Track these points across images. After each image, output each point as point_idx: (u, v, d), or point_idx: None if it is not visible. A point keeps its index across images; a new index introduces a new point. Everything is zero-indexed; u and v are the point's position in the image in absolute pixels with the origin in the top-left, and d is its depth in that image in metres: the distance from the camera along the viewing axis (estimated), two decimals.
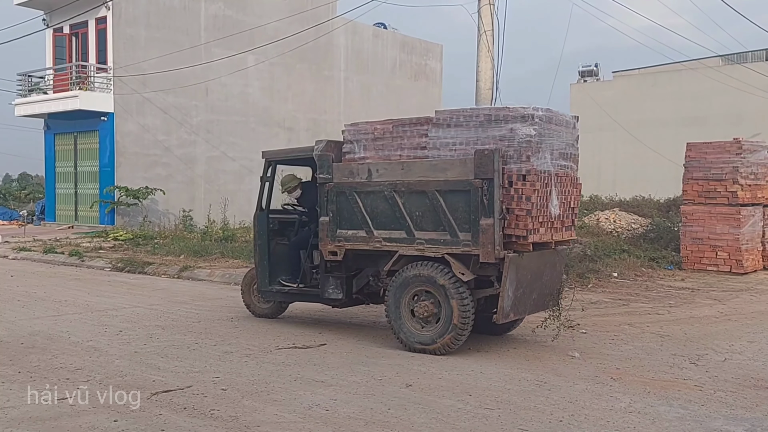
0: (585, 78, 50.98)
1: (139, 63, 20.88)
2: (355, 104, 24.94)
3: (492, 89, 11.49)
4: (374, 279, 7.70)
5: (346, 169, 7.46)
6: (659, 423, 4.93)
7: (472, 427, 4.84)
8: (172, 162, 21.91)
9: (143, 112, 21.42)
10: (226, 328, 8.30)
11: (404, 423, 4.90)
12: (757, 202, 13.54)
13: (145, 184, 20.59)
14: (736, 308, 9.68)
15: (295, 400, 5.42)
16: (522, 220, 6.54)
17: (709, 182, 13.14)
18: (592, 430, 4.76)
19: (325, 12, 23.47)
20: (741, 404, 5.40)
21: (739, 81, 34.74)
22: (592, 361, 6.72)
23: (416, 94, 27.40)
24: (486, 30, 11.40)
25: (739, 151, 12.96)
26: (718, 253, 13.09)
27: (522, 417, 5.04)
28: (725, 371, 6.39)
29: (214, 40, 21.43)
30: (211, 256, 14.70)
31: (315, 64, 23.52)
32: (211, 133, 21.84)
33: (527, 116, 6.56)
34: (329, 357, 6.84)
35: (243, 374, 6.16)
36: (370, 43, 25.71)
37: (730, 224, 12.97)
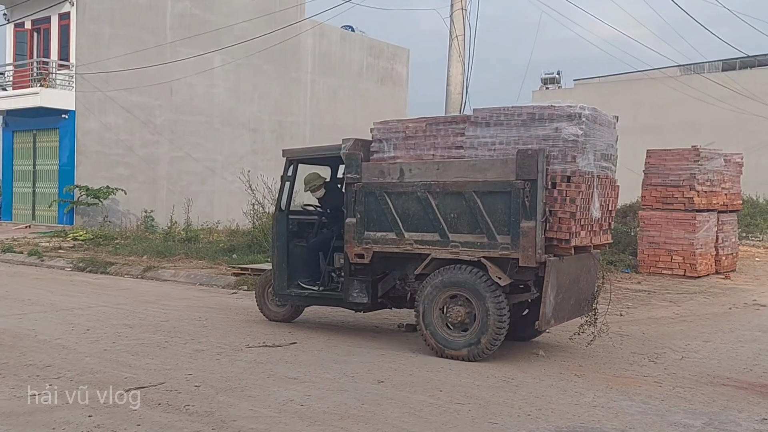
0: (547, 85, 52.03)
1: (103, 61, 20.60)
2: (322, 106, 24.98)
3: (462, 94, 11.71)
4: (401, 283, 7.42)
5: (376, 168, 7.16)
6: (622, 417, 5.15)
7: (444, 420, 4.99)
8: (134, 162, 21.65)
9: (105, 110, 21.13)
10: (195, 327, 8.30)
11: (378, 417, 5.02)
12: (712, 208, 14.03)
13: (106, 183, 20.30)
14: (691, 310, 10.06)
15: (269, 396, 5.49)
16: (565, 222, 6.32)
17: (666, 188, 13.58)
18: (558, 423, 4.95)
19: (293, 14, 23.48)
20: (699, 399, 5.65)
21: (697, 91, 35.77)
22: (556, 359, 6.94)
23: (383, 97, 27.58)
24: (458, 35, 11.62)
25: (696, 158, 13.44)
26: (673, 257, 13.53)
27: (491, 411, 5.21)
28: (683, 369, 6.67)
29: (180, 39, 21.26)
30: (174, 257, 14.60)
31: (282, 66, 23.50)
32: (175, 133, 21.65)
33: (574, 115, 6.35)
34: (301, 355, 6.92)
35: (216, 371, 6.20)
36: (338, 45, 25.79)
37: (685, 229, 13.43)
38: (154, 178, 21.91)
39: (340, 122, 25.63)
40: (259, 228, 15.12)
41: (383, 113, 27.42)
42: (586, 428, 4.87)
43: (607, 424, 4.96)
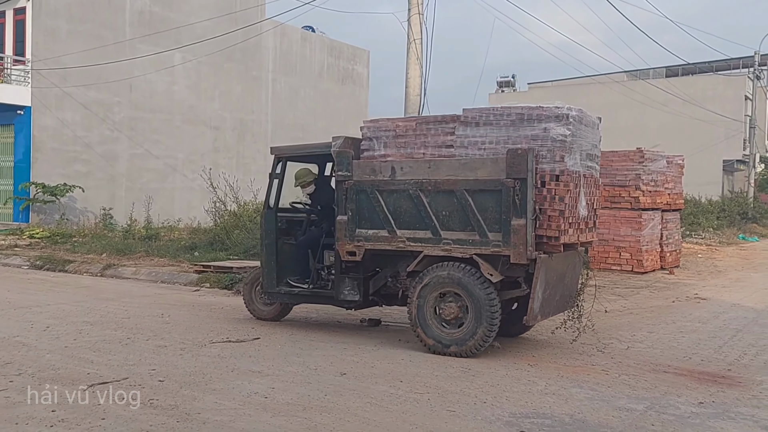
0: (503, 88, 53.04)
1: (60, 56, 20.28)
2: (283, 105, 25.00)
3: (420, 95, 11.95)
4: (393, 280, 7.45)
5: (367, 166, 7.19)
6: (571, 403, 5.42)
7: (405, 409, 5.19)
8: (93, 159, 21.35)
9: (62, 106, 20.81)
10: (158, 323, 8.34)
11: (341, 408, 5.19)
12: (656, 207, 14.75)
13: (63, 180, 19.98)
14: (637, 303, 10.49)
15: (233, 389, 5.60)
16: (554, 220, 6.45)
17: (614, 188, 14.13)
18: (513, 410, 5.19)
19: (253, 13, 23.46)
20: (642, 386, 5.97)
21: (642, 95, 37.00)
22: (510, 350, 7.21)
23: (343, 97, 27.71)
24: (415, 38, 11.85)
25: (641, 159, 14.07)
26: (621, 254, 14.10)
27: (450, 400, 5.43)
28: (628, 357, 7.02)
29: (140, 36, 21.05)
30: (135, 255, 14.52)
31: (243, 65, 23.45)
32: (135, 130, 21.43)
33: (561, 116, 6.49)
34: (264, 350, 7.04)
35: (179, 366, 6.28)
36: (299, 45, 25.83)
37: (632, 227, 14.00)
38: (113, 175, 21.64)
39: (302, 121, 25.70)
40: (220, 226, 15.12)
41: (344, 113, 27.59)
42: (538, 414, 5.12)
43: (558, 410, 5.22)
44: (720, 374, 6.47)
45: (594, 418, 5.06)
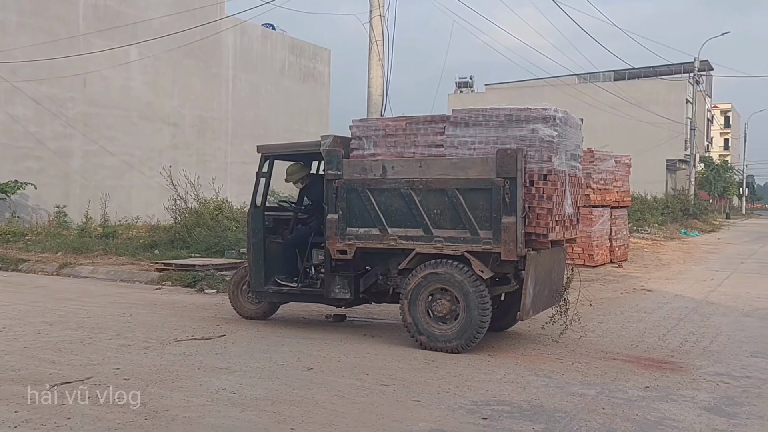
0: (461, 89, 53.80)
1: (10, 50, 19.82)
2: (243, 103, 24.87)
3: (383, 95, 12.12)
4: (383, 278, 7.52)
5: (358, 165, 7.24)
6: (529, 390, 5.69)
7: (371, 401, 5.37)
8: (45, 155, 20.94)
9: (13, 101, 20.34)
10: (120, 322, 8.32)
11: (309, 401, 5.33)
12: (606, 204, 15.55)
13: (14, 177, 19.55)
14: (589, 296, 10.87)
15: (200, 386, 5.67)
16: (543, 218, 6.62)
17: None
18: (474, 398, 5.42)
19: (213, 10, 23.28)
20: (593, 372, 6.30)
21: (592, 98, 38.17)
22: None
23: (305, 95, 27.69)
24: (377, 39, 12.02)
25: (592, 159, 14.72)
26: (573, 248, 14.55)
27: (414, 390, 5.63)
28: (580, 346, 7.36)
29: (95, 31, 20.68)
30: (92, 253, 14.37)
31: (202, 61, 23.25)
32: (89, 126, 21.06)
33: (549, 117, 6.66)
34: (230, 347, 7.13)
35: (144, 365, 6.31)
36: (259, 43, 25.70)
37: (584, 223, 14.46)
38: (67, 172, 21.25)
39: (263, 119, 25.61)
40: (181, 223, 15.06)
41: (305, 111, 27.60)
42: (498, 401, 5.36)
43: (516, 397, 5.48)
44: (664, 360, 6.85)
45: (550, 404, 5.33)
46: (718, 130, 75.03)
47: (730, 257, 18.87)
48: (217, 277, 11.52)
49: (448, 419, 4.96)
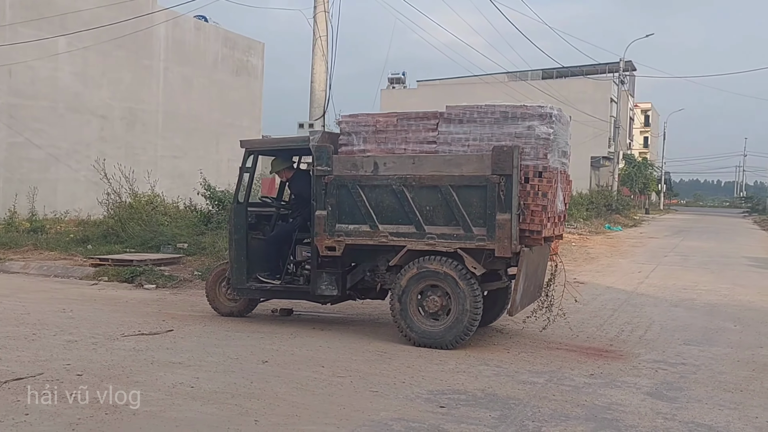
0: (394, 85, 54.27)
1: None
2: (176, 95, 24.31)
3: (326, 90, 12.18)
4: (371, 274, 7.47)
5: (348, 161, 7.16)
6: (481, 379, 5.90)
7: (330, 392, 5.47)
8: None
9: None
10: (61, 318, 8.12)
11: (268, 393, 5.38)
12: None
13: None
14: None
15: (156, 380, 5.64)
16: (537, 215, 6.66)
17: None
18: (430, 388, 5.60)
19: (145, 1, 22.66)
20: (540, 362, 6.60)
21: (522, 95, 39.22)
22: None
23: (238, 88, 27.31)
24: (321, 35, 12.05)
25: None
26: None
27: (371, 381, 5.76)
28: (524, 337, 7.67)
29: (22, 21, 19.77)
30: (21, 248, 13.83)
31: (133, 53, 22.59)
32: (14, 118, 20.13)
33: (545, 115, 6.71)
34: (180, 341, 7.07)
35: (95, 360, 6.21)
36: (192, 35, 25.19)
37: None
38: None
39: (195, 111, 25.12)
40: (115, 218, 14.68)
41: (238, 104, 27.24)
42: (453, 390, 5.56)
43: (470, 386, 5.69)
44: (604, 349, 7.23)
45: (503, 392, 5.57)
46: (638, 128, 78.29)
47: (653, 251, 19.84)
48: (156, 272, 11.32)
49: (408, 408, 5.11)
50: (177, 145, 24.49)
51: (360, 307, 8.85)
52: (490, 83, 43.11)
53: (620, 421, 4.95)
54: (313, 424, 4.76)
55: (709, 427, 4.89)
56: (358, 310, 8.74)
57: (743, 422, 5.01)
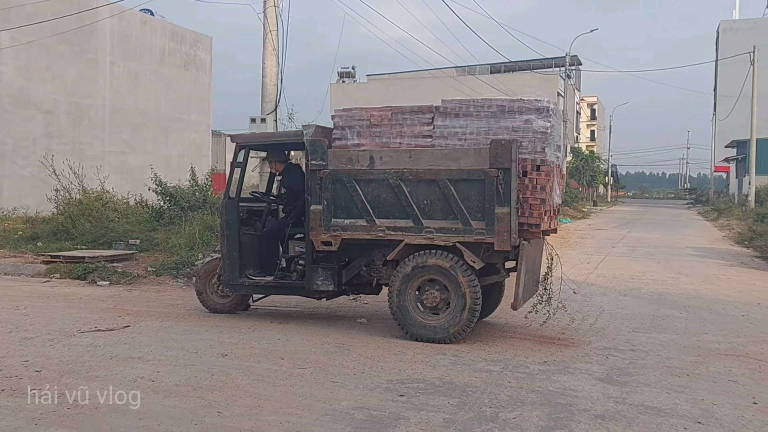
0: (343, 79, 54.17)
1: None
2: (122, 90, 23.79)
3: (277, 85, 12.17)
4: (367, 269, 7.43)
5: (343, 155, 7.09)
6: (439, 368, 6.06)
7: (291, 383, 5.54)
8: None
9: None
10: (16, 315, 8.01)
11: (230, 386, 5.43)
12: None
13: None
14: None
15: (117, 375, 5.64)
16: (536, 208, 6.68)
17: None
18: (389, 378, 5.72)
19: None
20: (495, 350, 6.78)
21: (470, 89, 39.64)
22: (378, 325, 7.78)
23: (186, 83, 26.88)
24: (271, 30, 12.03)
25: None
26: None
27: (331, 372, 5.86)
28: (479, 326, 7.74)
29: None
30: None
31: (78, 47, 22.00)
32: None
33: (542, 109, 6.72)
34: (138, 337, 7.04)
35: (53, 356, 6.18)
36: (138, 29, 24.67)
37: None
38: None
39: (142, 106, 24.65)
40: (65, 215, 14.37)
41: (186, 99, 26.83)
42: (412, 380, 5.69)
43: (428, 375, 5.84)
44: (557, 337, 7.45)
45: (460, 380, 5.73)
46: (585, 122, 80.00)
47: (602, 242, 20.37)
48: (109, 269, 11.19)
49: (368, 398, 5.22)
50: (125, 140, 24.01)
51: (318, 301, 8.90)
52: (439, 77, 43.45)
53: (573, 405, 5.16)
54: (275, 414, 4.84)
55: (657, 409, 5.12)
56: (317, 304, 8.81)
57: (690, 404, 5.26)
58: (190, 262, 11.22)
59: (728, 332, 7.93)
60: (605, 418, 4.89)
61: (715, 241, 21.13)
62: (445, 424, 4.70)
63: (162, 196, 14.90)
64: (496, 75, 46.89)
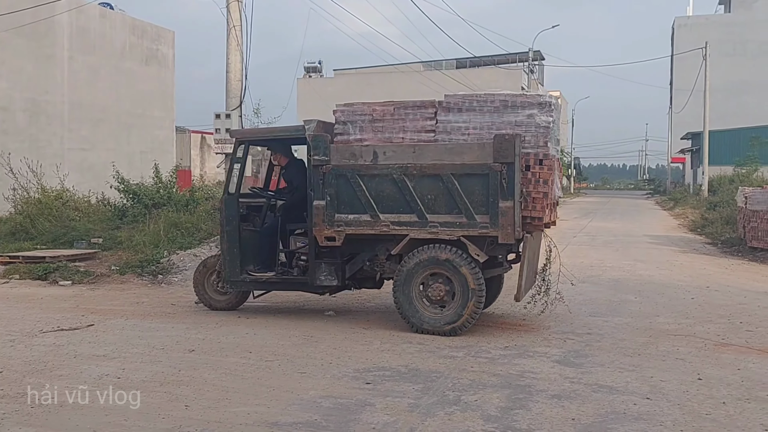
0: (310, 74, 53.96)
1: None
2: (81, 86, 23.36)
3: (242, 81, 12.14)
4: (370, 264, 7.44)
5: (346, 151, 7.11)
6: (404, 356, 6.17)
7: (259, 376, 5.62)
8: None
9: None
10: None
11: (198, 380, 5.48)
12: None
13: None
14: None
15: (81, 373, 5.63)
16: (539, 202, 6.76)
17: None
18: (356, 367, 5.84)
19: None
20: (459, 338, 6.90)
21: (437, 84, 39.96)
22: (345, 318, 7.89)
23: (148, 78, 26.50)
24: (235, 25, 11.99)
25: None
26: None
27: (299, 364, 5.94)
28: None
29: None
30: None
31: (35, 41, 21.55)
32: None
33: (545, 104, 6.84)
34: (102, 335, 7.02)
35: (15, 357, 6.13)
36: (97, 23, 24.24)
37: None
38: None
39: (102, 102, 24.24)
40: (24, 214, 14.12)
41: (149, 94, 26.49)
42: (378, 368, 5.82)
43: (394, 363, 5.97)
44: (517, 323, 7.67)
45: (425, 366, 5.87)
46: None
47: (563, 232, 20.63)
48: (71, 269, 11.04)
49: (336, 386, 5.33)
50: (84, 137, 23.60)
51: (284, 295, 8.97)
52: (405, 72, 43.68)
53: (532, 386, 5.35)
54: (244, 405, 4.91)
55: (610, 387, 5.35)
56: (283, 298, 8.87)
57: (640, 382, 5.50)
58: (155, 260, 11.15)
59: (678, 314, 8.25)
60: (561, 398, 5.09)
61: (670, 229, 21.68)
62: (409, 408, 4.84)
63: (125, 194, 14.73)
64: (461, 70, 47.24)
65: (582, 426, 4.54)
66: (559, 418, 4.68)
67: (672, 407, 4.91)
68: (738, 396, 5.17)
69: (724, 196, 23.48)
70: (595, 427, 4.53)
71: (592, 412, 4.81)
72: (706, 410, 4.86)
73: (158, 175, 15.30)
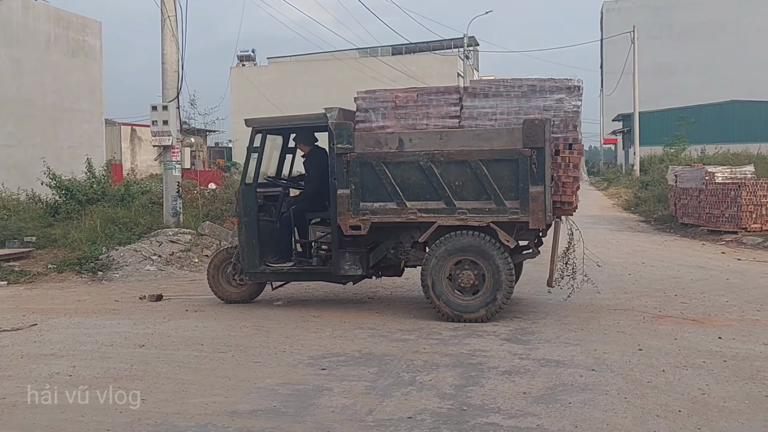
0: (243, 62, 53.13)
1: None
2: (5, 79, 22.38)
3: (178, 71, 11.90)
4: (395, 252, 7.36)
5: (371, 138, 7.00)
6: (357, 341, 6.30)
7: (213, 367, 5.62)
8: None
9: None
10: None
11: (151, 374, 5.44)
12: None
13: None
14: None
15: (30, 373, 5.52)
16: (569, 186, 6.76)
17: None
18: (310, 354, 5.90)
19: None
20: (409, 321, 7.08)
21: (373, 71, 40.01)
22: (295, 307, 7.93)
23: (75, 70, 25.59)
24: (169, 15, 11.72)
25: None
26: None
27: (252, 353, 5.97)
28: (394, 302, 8.15)
29: None
30: None
31: None
32: None
33: (573, 88, 6.81)
34: (47, 334, 6.86)
35: None
36: (20, 14, 23.24)
37: None
38: None
39: (27, 96, 23.32)
40: None
41: (76, 87, 25.63)
42: (332, 354, 5.90)
43: (348, 348, 6.06)
44: None
45: (378, 350, 5.99)
46: None
47: None
48: (5, 268, 10.69)
49: (291, 374, 5.39)
50: (10, 133, 22.68)
51: None
52: (341, 59, 43.50)
53: (483, 364, 5.53)
54: (201, 396, 4.91)
55: (557, 361, 5.59)
56: None
57: (584, 355, 5.76)
58: (93, 257, 10.89)
59: (617, 290, 8.63)
60: (512, 373, 5.29)
61: (605, 209, 22.46)
62: (366, 390, 4.94)
63: (57, 190, 14.26)
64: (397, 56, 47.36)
65: (533, 398, 4.74)
66: (511, 392, 4.87)
67: (615, 377, 5.17)
68: (676, 364, 5.47)
69: (655, 175, 24.34)
70: (546, 399, 4.73)
71: (541, 385, 5.02)
72: (647, 378, 5.13)
73: (91, 169, 14.87)
